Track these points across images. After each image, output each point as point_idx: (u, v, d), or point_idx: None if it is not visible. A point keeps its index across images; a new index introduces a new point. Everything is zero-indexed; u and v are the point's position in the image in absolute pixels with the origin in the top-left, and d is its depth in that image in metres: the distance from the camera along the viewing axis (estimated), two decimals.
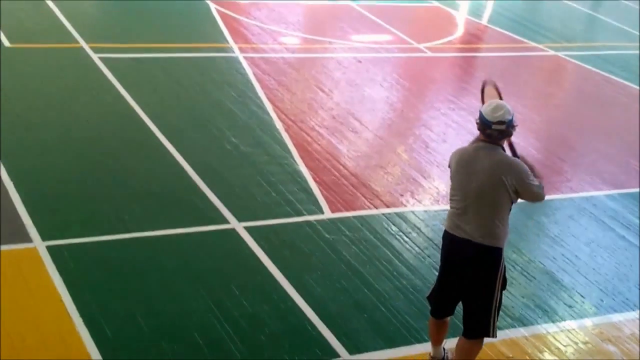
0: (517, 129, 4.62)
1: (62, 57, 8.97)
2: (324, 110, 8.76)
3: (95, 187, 6.56)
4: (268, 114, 8.37)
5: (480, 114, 4.55)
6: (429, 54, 10.99)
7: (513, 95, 9.80)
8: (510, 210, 4.60)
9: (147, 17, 10.69)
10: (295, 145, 7.79)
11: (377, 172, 7.57)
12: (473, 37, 12.17)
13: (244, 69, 9.36)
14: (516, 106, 9.45)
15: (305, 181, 7.12)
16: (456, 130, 8.81)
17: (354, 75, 9.90)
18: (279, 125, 8.15)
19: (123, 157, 7.13)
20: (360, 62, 10.29)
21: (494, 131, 4.51)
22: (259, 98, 8.70)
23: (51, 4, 10.15)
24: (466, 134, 8.75)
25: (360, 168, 7.58)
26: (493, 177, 4.48)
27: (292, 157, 7.54)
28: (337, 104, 8.98)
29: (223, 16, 10.80)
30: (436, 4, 13.01)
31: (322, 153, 7.72)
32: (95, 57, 8.96)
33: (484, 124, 4.53)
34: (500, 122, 4.48)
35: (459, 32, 12.13)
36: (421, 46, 11.11)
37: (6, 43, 8.96)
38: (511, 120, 4.52)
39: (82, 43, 9.24)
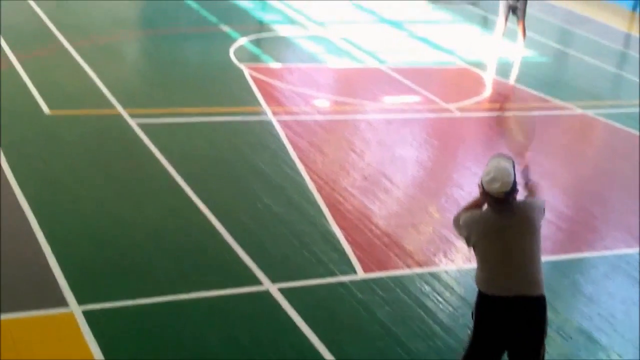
0: (535, 187, 4.83)
1: (101, 123, 9.22)
2: (355, 170, 8.88)
3: (130, 249, 6.70)
4: (300, 175, 8.51)
5: (481, 182, 4.62)
6: (458, 114, 11.12)
7: (543, 153, 9.86)
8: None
9: (183, 83, 10.96)
10: (327, 205, 7.89)
11: (409, 231, 7.63)
12: (501, 97, 12.29)
13: (277, 132, 9.55)
14: (546, 164, 9.56)
15: (338, 241, 7.20)
16: None
17: (385, 136, 10.04)
18: (311, 186, 8.28)
19: (158, 218, 7.29)
20: (390, 123, 10.44)
21: (494, 199, 4.58)
22: (291, 160, 8.84)
23: (89, 71, 10.46)
24: None
25: (393, 227, 7.64)
26: (524, 223, 4.58)
27: (324, 217, 7.64)
28: (368, 164, 9.10)
29: (257, 80, 11.05)
30: (464, 65, 13.18)
31: (354, 213, 7.82)
32: (132, 122, 9.20)
33: (484, 192, 4.61)
34: (501, 193, 4.55)
35: (487, 92, 12.26)
36: (450, 106, 11.24)
37: (46, 110, 9.24)
38: (510, 190, 4.55)
39: (120, 109, 9.50)
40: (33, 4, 12.81)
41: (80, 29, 12.23)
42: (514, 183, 4.58)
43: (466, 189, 8.82)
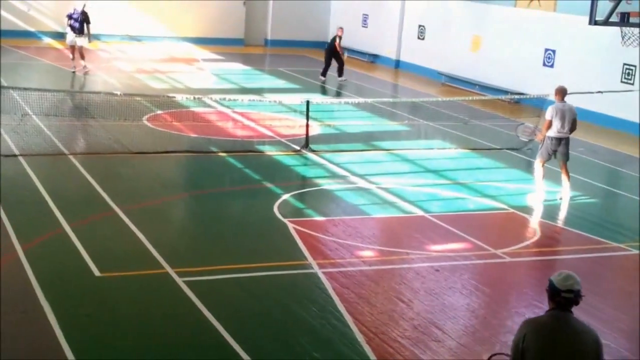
0: (581, 301, 5.06)
1: (149, 283, 9.32)
2: (404, 320, 8.71)
3: None
4: (349, 327, 8.38)
5: (550, 282, 5.08)
6: (507, 259, 10.97)
7: (598, 296, 9.61)
8: None
9: (228, 239, 11.09)
10: (377, 357, 7.72)
11: None
12: (551, 240, 12.12)
13: (323, 284, 9.50)
14: (602, 306, 9.29)
15: None
16: None
17: (433, 284, 9.90)
18: (360, 338, 8.12)
19: None
20: (438, 270, 10.32)
21: (562, 299, 4.99)
22: (339, 312, 8.74)
23: (138, 233, 10.66)
24: None
25: None
26: (583, 344, 4.89)
27: None
28: (417, 313, 8.94)
29: (301, 234, 11.13)
30: (510, 209, 13.14)
31: None
32: (179, 280, 9.26)
33: (553, 291, 5.03)
34: (569, 291, 4.99)
35: (536, 236, 12.12)
36: (498, 252, 11.11)
37: (97, 273, 9.36)
38: (579, 291, 5.02)
39: (168, 268, 9.59)
40: (85, 173, 13.28)
41: (129, 194, 12.59)
42: (581, 289, 5.02)
43: None
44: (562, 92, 13.57)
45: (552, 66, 22.97)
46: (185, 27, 31.47)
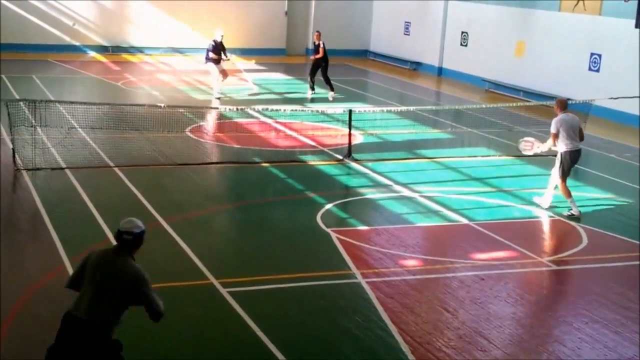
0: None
1: (194, 294, 9.38)
2: (450, 330, 8.63)
3: None
4: (393, 337, 8.33)
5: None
6: (554, 267, 10.81)
7: None
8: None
9: (271, 250, 11.11)
10: None
11: None
12: (599, 248, 11.90)
13: (367, 294, 9.46)
14: None
15: None
16: (591, 345, 8.45)
17: (478, 293, 9.79)
18: (405, 347, 8.07)
19: None
20: (483, 279, 10.21)
21: (124, 240, 5.87)
22: (383, 322, 8.70)
23: (183, 245, 10.74)
24: (602, 347, 8.38)
25: None
26: (116, 282, 5.85)
27: None
28: (462, 323, 8.85)
29: (344, 244, 11.10)
30: (556, 217, 12.95)
31: None
32: (224, 291, 9.30)
33: (117, 233, 5.91)
34: (128, 233, 5.91)
35: (583, 243, 11.92)
36: (545, 260, 10.96)
37: None
38: (139, 234, 5.94)
39: (212, 279, 9.65)
40: (130, 185, 13.43)
41: (173, 205, 12.70)
42: (143, 234, 6.04)
43: (569, 345, 8.44)
44: (562, 104, 13.39)
45: (597, 71, 22.62)
46: (227, 38, 31.53)
